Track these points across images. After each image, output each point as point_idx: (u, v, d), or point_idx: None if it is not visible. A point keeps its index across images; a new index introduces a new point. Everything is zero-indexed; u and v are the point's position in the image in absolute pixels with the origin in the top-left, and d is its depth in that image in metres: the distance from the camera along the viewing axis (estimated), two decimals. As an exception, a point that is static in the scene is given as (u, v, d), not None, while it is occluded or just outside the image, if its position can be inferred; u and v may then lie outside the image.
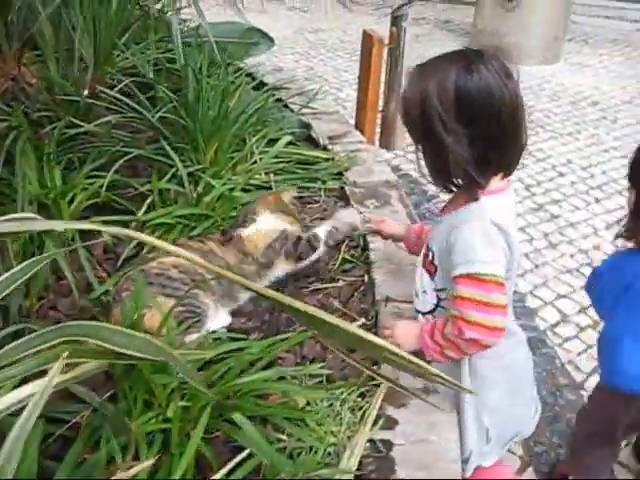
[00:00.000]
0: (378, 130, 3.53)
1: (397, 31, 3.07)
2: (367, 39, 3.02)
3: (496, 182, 1.54)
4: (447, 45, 6.81)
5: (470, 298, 1.47)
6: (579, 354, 2.96)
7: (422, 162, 1.56)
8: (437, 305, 1.66)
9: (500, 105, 1.43)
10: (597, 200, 4.18)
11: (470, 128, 1.43)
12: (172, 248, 1.10)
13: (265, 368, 1.64)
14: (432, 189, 4.16)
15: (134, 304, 1.63)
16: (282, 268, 2.04)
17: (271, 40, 3.70)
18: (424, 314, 1.72)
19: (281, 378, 1.64)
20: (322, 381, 1.72)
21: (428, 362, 1.61)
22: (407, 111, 1.53)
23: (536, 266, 3.54)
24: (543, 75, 6.31)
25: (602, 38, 7.61)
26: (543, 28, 6.47)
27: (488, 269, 1.47)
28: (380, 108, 3.32)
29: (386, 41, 3.10)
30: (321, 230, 2.10)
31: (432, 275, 1.63)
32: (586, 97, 5.87)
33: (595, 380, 2.32)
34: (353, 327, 0.95)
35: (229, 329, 1.90)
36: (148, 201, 2.10)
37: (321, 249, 2.08)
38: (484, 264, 1.47)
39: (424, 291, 1.68)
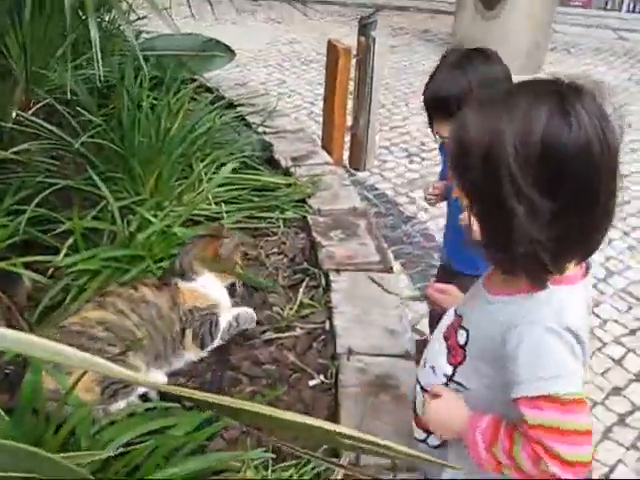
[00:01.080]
0: (347, 148, 3.25)
1: (366, 41, 2.80)
2: (332, 50, 2.75)
3: (570, 268, 1.12)
4: (426, 56, 6.58)
5: (555, 427, 1.08)
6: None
7: (473, 225, 1.12)
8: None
9: (598, 169, 1.02)
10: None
11: (552, 199, 1.00)
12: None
13: (196, 452, 1.35)
14: (410, 210, 3.89)
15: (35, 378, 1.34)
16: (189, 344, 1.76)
17: (232, 52, 3.43)
18: (422, 388, 1.31)
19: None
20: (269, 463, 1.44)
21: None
22: (461, 155, 1.08)
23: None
24: (525, 85, 6.07)
25: (585, 47, 7.42)
26: (525, 37, 6.25)
27: (572, 387, 1.08)
28: (349, 124, 3.04)
29: (354, 52, 2.83)
30: (224, 318, 1.80)
31: (455, 364, 1.24)
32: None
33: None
34: (297, 416, 0.67)
35: (162, 394, 1.61)
36: (69, 242, 1.79)
37: (214, 343, 1.76)
38: (567, 381, 1.09)
39: (432, 367, 1.28)
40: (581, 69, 6.68)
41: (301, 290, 2.01)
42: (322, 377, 1.71)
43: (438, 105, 1.86)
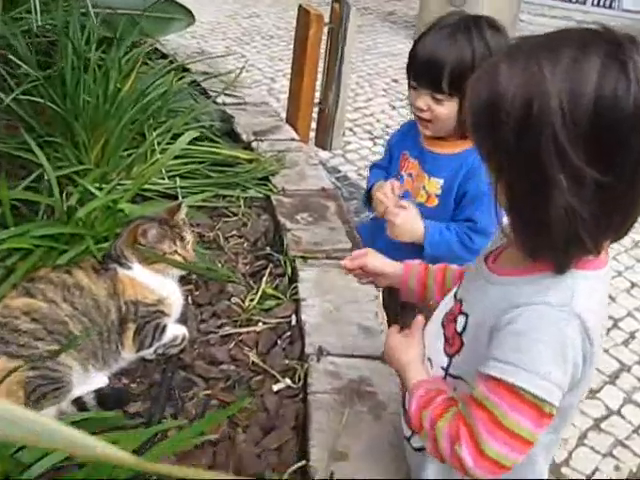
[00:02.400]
0: (314, 126, 3.01)
1: (340, 8, 2.56)
2: (303, 15, 2.51)
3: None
4: (391, 38, 6.39)
5: (498, 417, 0.91)
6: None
7: (500, 204, 0.96)
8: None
9: None
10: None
11: (601, 167, 0.84)
12: None
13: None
14: (374, 195, 3.70)
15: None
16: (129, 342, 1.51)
17: (192, 16, 3.14)
18: None
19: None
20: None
21: None
22: (489, 113, 0.89)
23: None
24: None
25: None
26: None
27: (544, 394, 0.90)
28: (317, 100, 2.80)
29: (326, 19, 2.59)
30: (172, 327, 1.54)
31: (451, 354, 1.07)
32: (535, 98, 5.53)
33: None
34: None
35: (100, 399, 1.36)
36: None
37: (150, 350, 1.51)
38: (541, 384, 0.90)
39: (429, 359, 1.13)
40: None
41: (264, 279, 1.77)
42: (288, 380, 1.49)
43: (427, 70, 1.63)
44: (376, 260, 1.40)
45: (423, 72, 1.63)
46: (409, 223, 1.68)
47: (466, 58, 1.57)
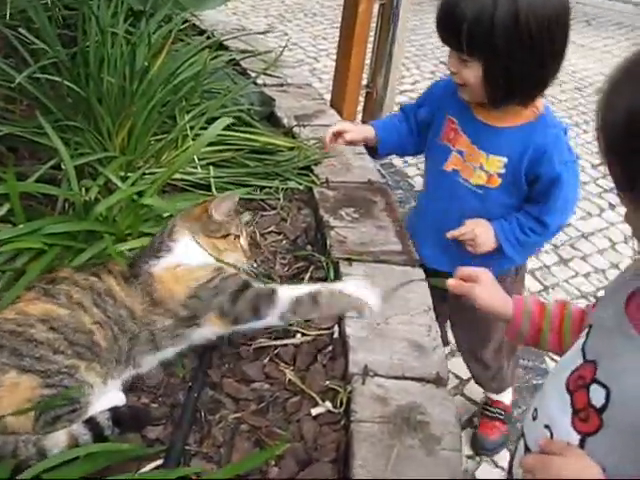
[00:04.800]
0: (360, 109, 2.81)
1: (392, -17, 2.35)
2: (352, -9, 2.30)
3: None
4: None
5: None
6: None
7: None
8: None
9: None
10: (612, 206, 3.55)
11: None
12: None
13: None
14: (420, 183, 3.48)
15: None
16: (211, 330, 1.34)
17: (230, -10, 2.96)
18: (527, 447, 0.99)
19: None
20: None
21: None
22: (629, 137, 0.72)
23: (545, 288, 2.88)
24: (544, 56, 5.65)
25: (605, 20, 7.00)
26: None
27: None
28: (365, 82, 2.59)
29: (377, -4, 2.39)
30: (289, 291, 1.36)
31: (584, 432, 0.86)
32: (592, 83, 5.24)
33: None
34: None
35: (115, 419, 1.20)
36: (2, 211, 1.34)
37: (270, 317, 1.34)
38: None
39: (547, 426, 0.93)
40: (602, 43, 6.28)
41: (304, 283, 1.59)
42: (329, 404, 1.31)
43: (447, 26, 1.48)
44: (484, 293, 1.21)
45: (444, 28, 1.50)
46: (485, 233, 1.64)
47: (486, 13, 1.38)
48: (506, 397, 2.17)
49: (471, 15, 1.41)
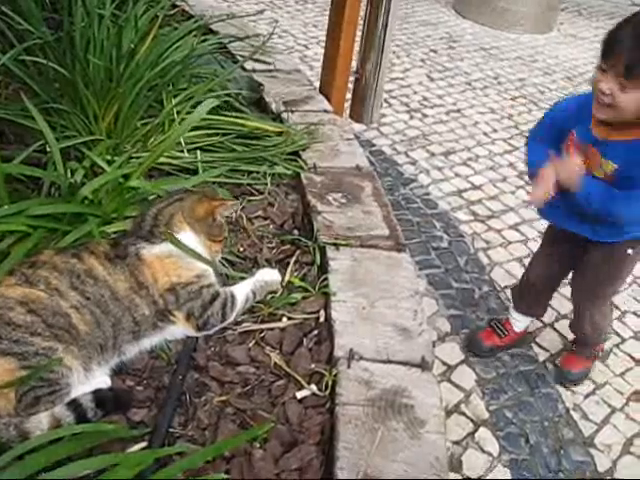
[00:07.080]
0: (349, 96, 2.79)
1: (382, -34, 2.33)
2: (342, -26, 2.28)
3: None
4: (431, 6, 6.11)
5: None
6: (587, 396, 2.33)
7: None
8: None
9: None
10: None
11: None
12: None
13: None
14: (409, 171, 3.48)
15: None
16: (181, 329, 1.37)
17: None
18: None
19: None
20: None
21: None
22: None
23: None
24: (535, 45, 5.67)
25: (597, 10, 6.99)
26: (537, -4, 5.79)
27: None
28: (354, 69, 2.58)
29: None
30: (241, 291, 1.44)
31: None
32: (582, 73, 5.24)
33: (608, 433, 2.13)
34: None
35: (99, 401, 1.19)
36: None
37: (231, 318, 1.42)
38: None
39: None
40: (592, 33, 6.27)
41: (290, 267, 1.59)
42: (314, 387, 1.31)
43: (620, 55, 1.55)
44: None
45: (616, 55, 1.55)
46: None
47: None
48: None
49: (631, 44, 1.51)
